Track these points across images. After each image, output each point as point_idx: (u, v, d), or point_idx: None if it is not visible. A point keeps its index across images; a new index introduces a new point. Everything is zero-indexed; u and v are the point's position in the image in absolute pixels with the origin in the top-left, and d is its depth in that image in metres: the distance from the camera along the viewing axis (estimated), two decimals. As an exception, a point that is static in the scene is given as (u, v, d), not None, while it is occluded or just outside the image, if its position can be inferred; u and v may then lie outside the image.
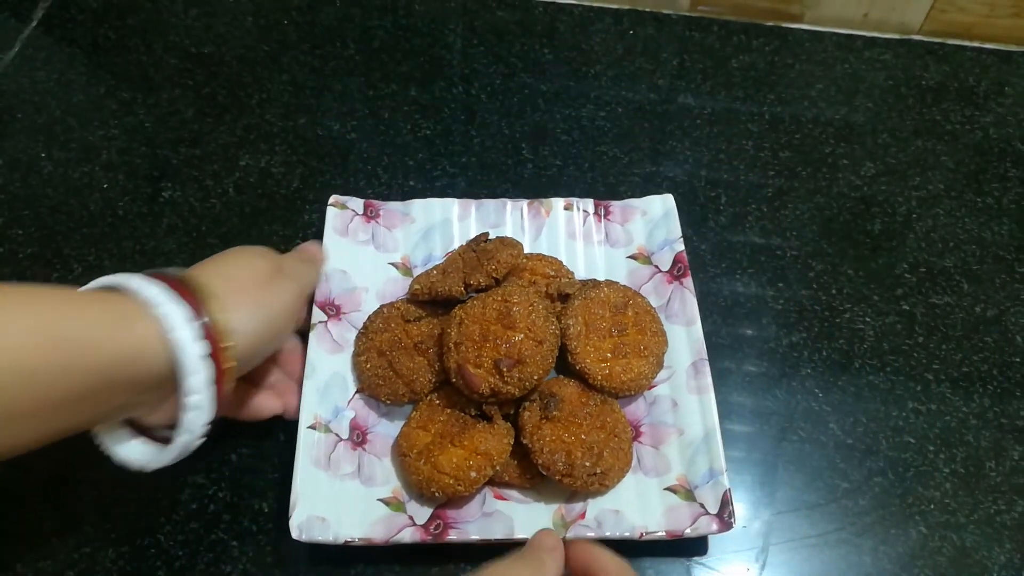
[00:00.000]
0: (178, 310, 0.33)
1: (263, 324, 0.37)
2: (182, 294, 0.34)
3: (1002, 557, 0.43)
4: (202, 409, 0.34)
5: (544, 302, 0.44)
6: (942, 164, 0.60)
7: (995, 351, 0.50)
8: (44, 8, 0.67)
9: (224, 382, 0.35)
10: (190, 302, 0.34)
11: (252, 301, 0.37)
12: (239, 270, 0.38)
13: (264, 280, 0.38)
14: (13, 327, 0.30)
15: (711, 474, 0.42)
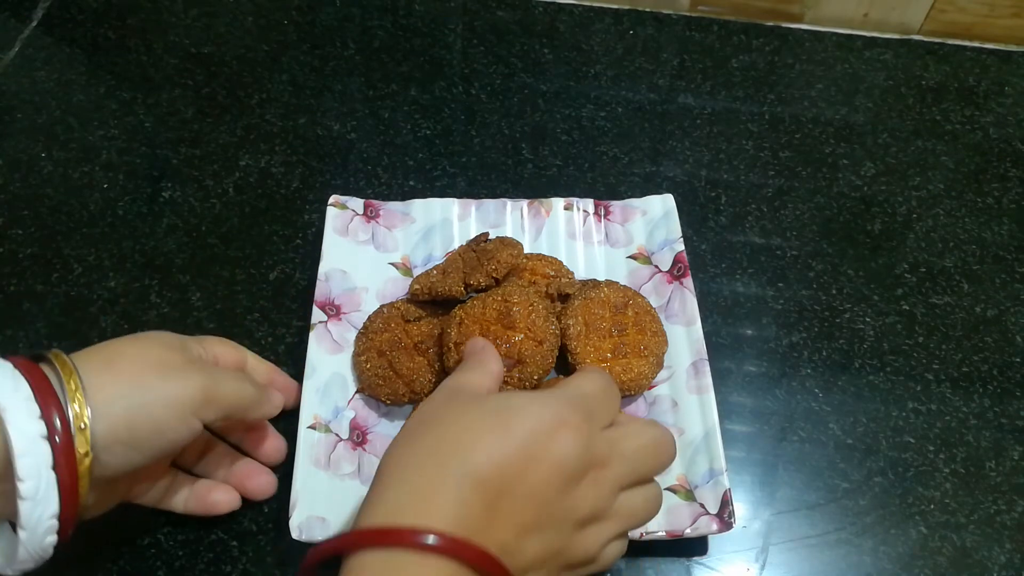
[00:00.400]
0: (11, 384, 0.30)
1: (136, 412, 0.33)
2: (26, 370, 0.31)
3: (1002, 557, 0.43)
4: (38, 500, 0.30)
5: (544, 302, 0.43)
6: (942, 164, 0.60)
7: (995, 351, 0.50)
8: (44, 8, 0.67)
9: (71, 469, 0.30)
10: (33, 378, 0.31)
11: (128, 384, 0.33)
12: (126, 351, 0.35)
13: (154, 366, 0.34)
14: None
15: (711, 474, 0.42)
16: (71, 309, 0.50)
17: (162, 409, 0.33)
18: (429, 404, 0.33)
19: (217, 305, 0.51)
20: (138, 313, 0.50)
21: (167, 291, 0.51)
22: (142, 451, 0.33)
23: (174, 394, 0.34)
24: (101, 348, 0.35)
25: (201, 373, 0.35)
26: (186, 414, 0.34)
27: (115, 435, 0.32)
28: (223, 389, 0.36)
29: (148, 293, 0.51)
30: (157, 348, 0.35)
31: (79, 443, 0.31)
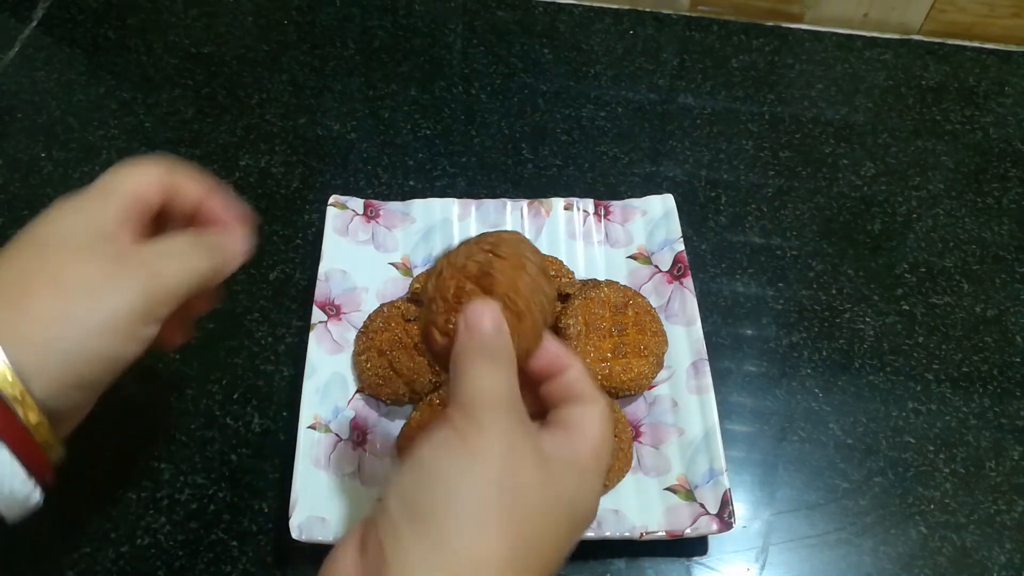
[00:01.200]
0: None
1: (76, 354, 0.28)
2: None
3: (1002, 557, 0.43)
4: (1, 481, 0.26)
5: (540, 261, 0.32)
6: (942, 164, 0.60)
7: (995, 351, 0.50)
8: (44, 8, 0.67)
9: (24, 441, 0.27)
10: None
11: (52, 325, 0.27)
12: (32, 282, 0.28)
13: (73, 289, 0.28)
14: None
15: (711, 474, 0.42)
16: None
17: (103, 339, 0.28)
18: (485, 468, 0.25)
19: (217, 306, 0.51)
20: (138, 313, 0.50)
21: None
22: (99, 384, 0.29)
23: (111, 317, 0.28)
24: (3, 288, 0.28)
25: (133, 273, 0.28)
26: (132, 330, 0.28)
27: (61, 385, 0.27)
28: (167, 280, 0.29)
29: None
30: (69, 262, 0.28)
31: (25, 414, 0.27)
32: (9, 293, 0.28)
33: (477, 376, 0.26)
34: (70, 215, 0.30)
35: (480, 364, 0.27)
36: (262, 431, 0.46)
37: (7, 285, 0.28)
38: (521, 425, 0.26)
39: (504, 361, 0.27)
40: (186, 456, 0.45)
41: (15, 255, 0.29)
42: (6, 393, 0.26)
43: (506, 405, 0.26)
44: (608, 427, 0.29)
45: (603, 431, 0.28)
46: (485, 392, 0.26)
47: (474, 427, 0.25)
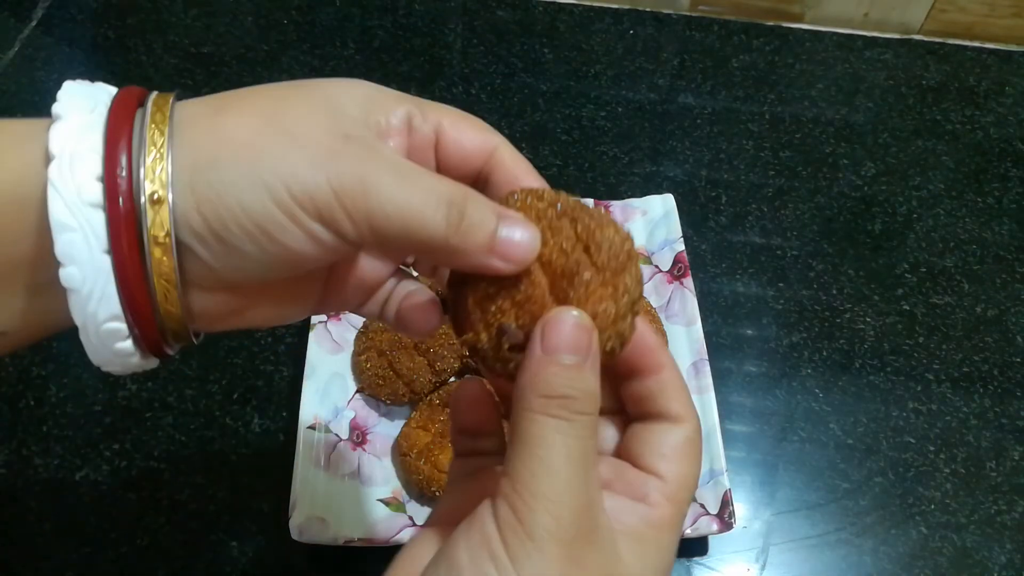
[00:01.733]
0: (77, 125, 0.20)
1: (223, 192, 0.20)
2: (116, 110, 0.21)
3: (1002, 557, 0.43)
4: (87, 295, 0.20)
5: (620, 228, 0.23)
6: (943, 164, 0.60)
7: (996, 351, 0.50)
8: (44, 8, 0.67)
9: (132, 257, 0.20)
10: (114, 123, 0.20)
11: (229, 147, 0.20)
12: (256, 100, 0.22)
13: (279, 130, 0.21)
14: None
15: (711, 474, 0.42)
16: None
17: (264, 197, 0.20)
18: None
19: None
20: (138, 313, 0.50)
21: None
22: (246, 255, 0.21)
23: (287, 178, 0.20)
24: (216, 99, 0.22)
25: (348, 160, 0.21)
26: (301, 215, 0.20)
27: (204, 222, 0.20)
28: (375, 198, 0.20)
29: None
30: (301, 103, 0.22)
31: (153, 219, 0.20)
32: (222, 101, 0.22)
33: (545, 453, 0.20)
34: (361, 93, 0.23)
35: (553, 433, 0.20)
36: (262, 431, 0.46)
37: (226, 97, 0.22)
38: (590, 540, 0.20)
39: (587, 426, 0.21)
40: (186, 456, 0.45)
41: (265, 88, 0.23)
42: (147, 187, 0.20)
43: (575, 512, 0.20)
44: (696, 458, 0.24)
45: (691, 471, 0.23)
46: (552, 486, 0.20)
47: (527, 544, 0.19)
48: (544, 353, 0.21)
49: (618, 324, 0.22)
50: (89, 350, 0.21)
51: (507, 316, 0.22)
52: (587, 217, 0.22)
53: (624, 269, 0.22)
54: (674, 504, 0.22)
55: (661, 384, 0.24)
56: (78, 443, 0.45)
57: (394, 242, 0.21)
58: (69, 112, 0.20)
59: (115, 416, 0.46)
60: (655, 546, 0.22)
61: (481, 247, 0.21)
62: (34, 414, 0.46)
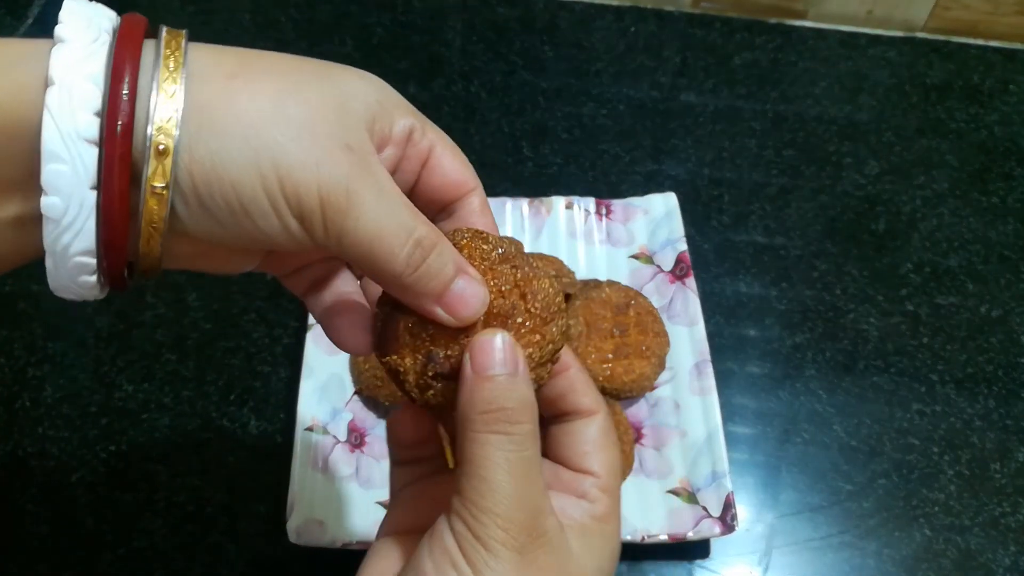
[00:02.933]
0: (81, 52, 0.19)
1: (218, 162, 0.20)
2: (123, 40, 0.20)
3: (1007, 560, 0.42)
4: (65, 227, 0.20)
5: (554, 280, 0.25)
6: (947, 163, 0.59)
7: (1000, 352, 0.50)
8: (39, 5, 0.66)
9: (121, 199, 0.20)
10: (121, 53, 0.20)
11: (233, 118, 0.20)
12: (272, 69, 0.22)
13: (285, 116, 0.21)
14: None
15: (714, 476, 0.42)
16: (66, 310, 0.49)
17: (256, 181, 0.20)
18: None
19: (214, 306, 0.50)
20: (134, 313, 0.50)
21: (163, 291, 0.50)
22: (221, 223, 0.21)
23: (282, 169, 0.20)
24: (234, 60, 0.22)
25: (341, 169, 0.21)
26: (284, 207, 0.21)
27: (192, 183, 0.20)
28: (353, 218, 0.21)
29: (144, 293, 0.50)
30: (313, 93, 0.22)
31: (154, 172, 0.20)
32: (238, 61, 0.22)
33: (488, 473, 0.21)
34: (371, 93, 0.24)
35: (494, 451, 0.21)
36: (259, 433, 0.45)
37: (242, 58, 0.22)
38: (541, 542, 0.22)
39: (527, 437, 0.22)
40: (182, 458, 0.44)
41: (287, 59, 0.23)
42: (153, 135, 0.20)
43: (522, 521, 0.21)
44: (615, 442, 0.26)
45: (614, 457, 0.25)
46: (497, 501, 0.21)
47: (483, 553, 0.21)
48: (475, 372, 0.22)
49: (538, 369, 0.23)
50: (51, 277, 0.21)
51: (437, 345, 0.23)
52: (526, 266, 0.24)
53: (552, 320, 0.23)
54: (609, 494, 0.25)
55: (569, 382, 0.25)
56: (74, 444, 0.45)
57: (353, 259, 0.22)
58: (72, 37, 0.20)
59: (111, 417, 0.46)
60: (601, 537, 0.24)
61: (431, 294, 0.22)
62: (30, 415, 0.46)
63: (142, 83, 0.20)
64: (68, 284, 0.22)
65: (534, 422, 0.22)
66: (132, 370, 0.47)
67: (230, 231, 0.21)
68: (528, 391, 0.22)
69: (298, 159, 0.21)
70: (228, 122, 0.20)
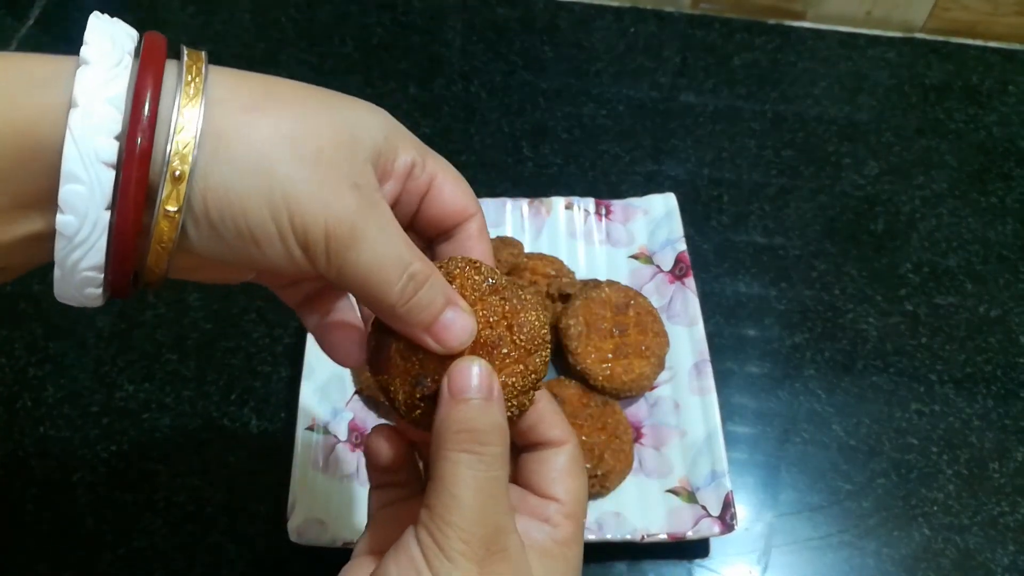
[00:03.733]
0: (104, 75, 0.20)
1: (232, 187, 0.21)
2: (146, 62, 0.21)
3: (1006, 559, 0.43)
4: (77, 244, 0.21)
5: (541, 313, 0.26)
6: (946, 163, 0.59)
7: (999, 352, 0.50)
8: (41, 7, 0.66)
9: (135, 223, 0.21)
10: (144, 77, 0.21)
11: (250, 147, 0.21)
12: (287, 101, 0.23)
13: (297, 147, 0.22)
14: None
15: (713, 476, 0.42)
16: (67, 310, 0.49)
17: (265, 211, 0.21)
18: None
19: (214, 306, 0.50)
20: (134, 313, 0.50)
21: (164, 291, 0.51)
22: (228, 246, 0.22)
23: (292, 201, 0.21)
24: (254, 89, 0.23)
25: (347, 203, 0.22)
26: (290, 237, 0.22)
27: (204, 207, 0.21)
28: (356, 252, 0.22)
29: (144, 294, 0.51)
30: (324, 129, 0.23)
31: (169, 193, 0.21)
32: (260, 92, 0.23)
33: (456, 489, 0.22)
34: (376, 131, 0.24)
35: (464, 469, 0.23)
36: (259, 432, 0.45)
37: (264, 89, 0.23)
38: (502, 557, 0.23)
39: (495, 460, 0.23)
40: (182, 458, 0.44)
41: (306, 91, 0.24)
42: (172, 162, 0.20)
43: (483, 537, 0.22)
44: (582, 472, 0.27)
45: (580, 486, 0.26)
46: (462, 516, 0.22)
47: (445, 564, 0.22)
48: (451, 395, 0.23)
49: (520, 397, 0.25)
50: (57, 287, 0.22)
51: (425, 368, 0.24)
52: (515, 298, 0.25)
53: (536, 351, 0.25)
54: (573, 520, 0.26)
55: (539, 415, 0.27)
56: (75, 444, 0.45)
57: (350, 288, 0.24)
58: (96, 59, 0.21)
59: (112, 417, 0.46)
60: (563, 560, 0.25)
61: (421, 324, 0.24)
62: (31, 415, 0.46)
63: (162, 107, 0.21)
64: (73, 294, 0.22)
65: (504, 445, 0.24)
66: (133, 370, 0.47)
67: (236, 254, 0.22)
68: (500, 416, 0.24)
69: (308, 194, 0.22)
70: (244, 152, 0.21)
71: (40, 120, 0.20)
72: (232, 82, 0.23)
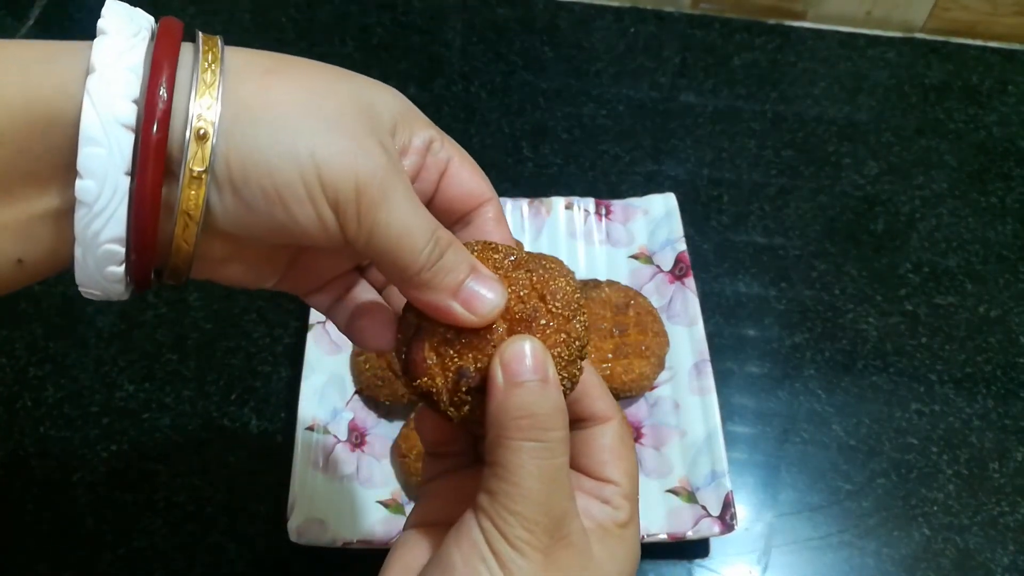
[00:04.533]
0: (123, 44, 0.20)
1: (260, 151, 0.21)
2: (162, 38, 0.21)
3: (1005, 559, 0.43)
4: (97, 212, 0.20)
5: (570, 278, 0.25)
6: (945, 163, 0.59)
7: (999, 352, 0.50)
8: (41, 7, 0.66)
9: (154, 185, 0.20)
10: (160, 48, 0.21)
11: (273, 109, 0.21)
12: (301, 72, 0.23)
13: (319, 110, 0.22)
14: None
15: (713, 476, 0.42)
16: (67, 309, 0.50)
17: (294, 169, 0.21)
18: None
19: (214, 306, 0.50)
20: (135, 313, 0.50)
21: (164, 291, 0.51)
22: (255, 212, 0.21)
23: (319, 158, 0.21)
24: (266, 60, 0.23)
25: (375, 160, 0.22)
26: (320, 196, 0.21)
27: (228, 171, 0.21)
28: (385, 210, 0.22)
29: (145, 293, 0.51)
30: (343, 93, 0.23)
31: (194, 156, 0.20)
32: (267, 64, 0.22)
33: (519, 478, 0.22)
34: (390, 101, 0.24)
35: (526, 458, 0.22)
36: (260, 432, 0.45)
37: (271, 61, 0.23)
38: (565, 544, 0.22)
39: (559, 445, 0.22)
40: (183, 458, 0.44)
41: (308, 63, 0.24)
42: (193, 121, 0.20)
43: (547, 525, 0.22)
44: (631, 447, 0.26)
45: (632, 463, 0.26)
46: (525, 506, 0.22)
47: (510, 551, 0.22)
48: (506, 380, 0.22)
49: (569, 367, 0.23)
50: (78, 269, 0.22)
51: (465, 360, 0.23)
52: (540, 269, 0.24)
53: (575, 316, 0.24)
54: (631, 501, 0.25)
55: (584, 386, 0.25)
56: (75, 444, 0.45)
57: (379, 254, 0.23)
58: (114, 30, 0.21)
59: (112, 417, 0.46)
60: (621, 542, 0.25)
61: (448, 288, 0.23)
62: (31, 415, 0.46)
63: (180, 75, 0.21)
64: (95, 275, 0.22)
65: (566, 428, 0.23)
66: (133, 370, 0.47)
67: (262, 224, 0.22)
68: (559, 397, 0.23)
69: (338, 151, 0.21)
70: (266, 112, 0.21)
71: (57, 91, 0.20)
72: (248, 55, 0.22)
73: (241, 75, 0.21)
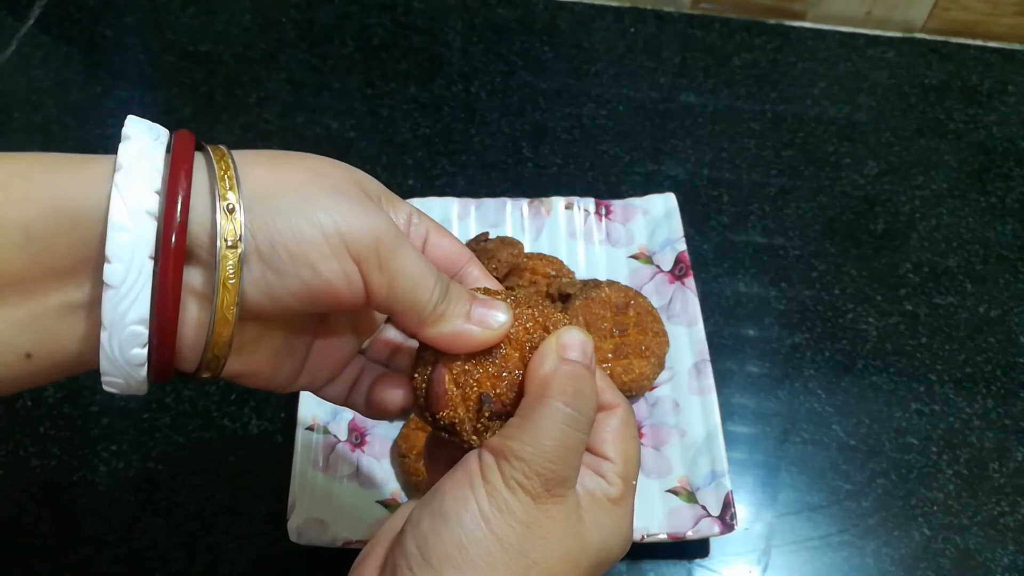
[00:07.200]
0: (144, 145, 0.23)
1: (286, 220, 0.23)
2: (178, 142, 0.24)
3: (1005, 559, 0.43)
4: (124, 293, 0.22)
5: (563, 315, 0.29)
6: (945, 163, 0.59)
7: (999, 352, 0.50)
8: (41, 6, 0.66)
9: (176, 265, 0.22)
10: (177, 149, 0.23)
11: (288, 186, 0.24)
12: (299, 160, 0.26)
13: (327, 184, 0.25)
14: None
15: (713, 476, 0.42)
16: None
17: (316, 230, 0.23)
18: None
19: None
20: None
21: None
22: (283, 278, 0.23)
23: (338, 219, 0.24)
24: (268, 152, 0.25)
25: (385, 219, 0.25)
26: (343, 252, 0.24)
27: (254, 241, 0.23)
28: (401, 256, 0.25)
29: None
30: (340, 172, 0.26)
31: (225, 228, 0.22)
32: (268, 155, 0.25)
33: (541, 432, 0.24)
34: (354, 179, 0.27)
35: (558, 420, 0.24)
36: (260, 432, 0.45)
37: (270, 153, 0.25)
38: (557, 500, 0.24)
39: (588, 423, 0.25)
40: (183, 458, 0.44)
41: (290, 153, 0.26)
42: (219, 201, 0.22)
43: (547, 479, 0.24)
44: (634, 435, 0.28)
45: (632, 448, 0.27)
46: (534, 456, 0.23)
47: (502, 488, 0.23)
48: (561, 355, 0.25)
49: None
50: (103, 355, 0.23)
51: (484, 388, 0.25)
52: (540, 305, 0.27)
53: None
54: (625, 481, 0.26)
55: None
56: (75, 444, 0.45)
57: (399, 298, 0.25)
58: (136, 136, 0.23)
59: (112, 417, 0.46)
60: (609, 515, 0.26)
61: (461, 315, 0.26)
62: (31, 415, 0.46)
63: (197, 168, 0.23)
64: (119, 360, 0.23)
65: (595, 413, 0.25)
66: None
67: (290, 284, 0.24)
68: (595, 387, 0.26)
69: (351, 211, 0.24)
70: (280, 187, 0.24)
71: (84, 191, 0.22)
72: (250, 151, 0.25)
73: (251, 162, 0.24)
